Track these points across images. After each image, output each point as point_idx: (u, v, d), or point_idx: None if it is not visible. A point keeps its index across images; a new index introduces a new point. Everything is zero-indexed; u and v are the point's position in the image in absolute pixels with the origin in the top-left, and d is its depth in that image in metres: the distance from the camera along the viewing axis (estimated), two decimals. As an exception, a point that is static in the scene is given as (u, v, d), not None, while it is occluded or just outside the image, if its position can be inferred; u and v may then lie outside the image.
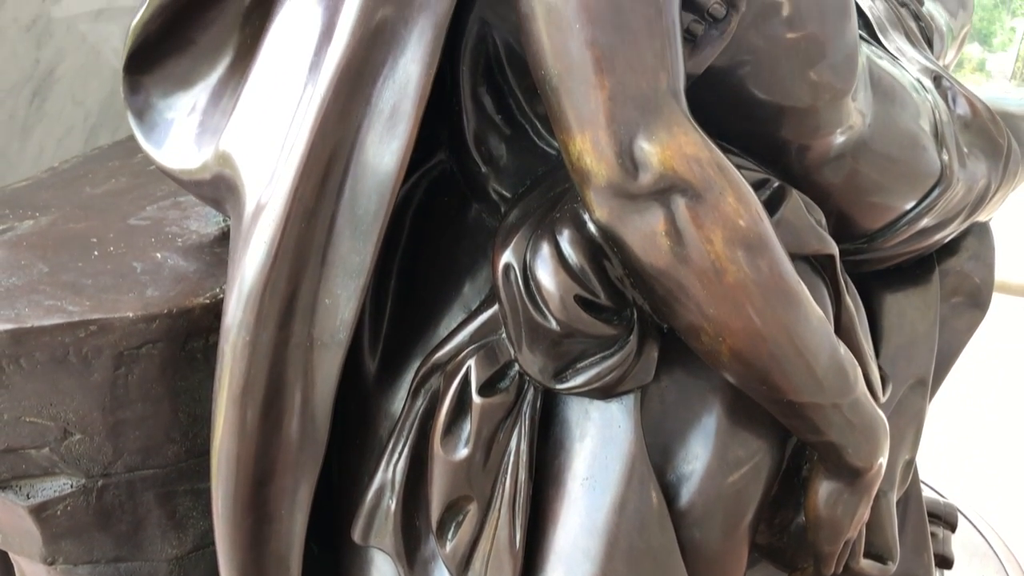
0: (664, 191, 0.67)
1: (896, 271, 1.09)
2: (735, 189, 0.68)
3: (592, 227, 0.71)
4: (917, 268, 1.12)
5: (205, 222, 0.95)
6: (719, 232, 0.67)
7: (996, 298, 1.56)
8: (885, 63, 0.98)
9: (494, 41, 0.78)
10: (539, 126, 0.81)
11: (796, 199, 0.79)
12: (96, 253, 0.89)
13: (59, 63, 1.59)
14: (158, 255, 0.89)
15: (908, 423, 1.08)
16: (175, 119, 0.82)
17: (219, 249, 0.90)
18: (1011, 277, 2.32)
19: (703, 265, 0.68)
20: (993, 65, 6.40)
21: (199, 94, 0.81)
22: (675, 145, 0.66)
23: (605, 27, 0.64)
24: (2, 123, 1.52)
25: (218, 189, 0.78)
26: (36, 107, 1.56)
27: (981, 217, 1.13)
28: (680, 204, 0.67)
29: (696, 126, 0.68)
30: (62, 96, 1.59)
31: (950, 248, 1.15)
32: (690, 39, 0.73)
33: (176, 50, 0.81)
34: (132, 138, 0.87)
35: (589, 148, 0.66)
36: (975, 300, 1.16)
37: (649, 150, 0.66)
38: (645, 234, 0.68)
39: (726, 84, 0.80)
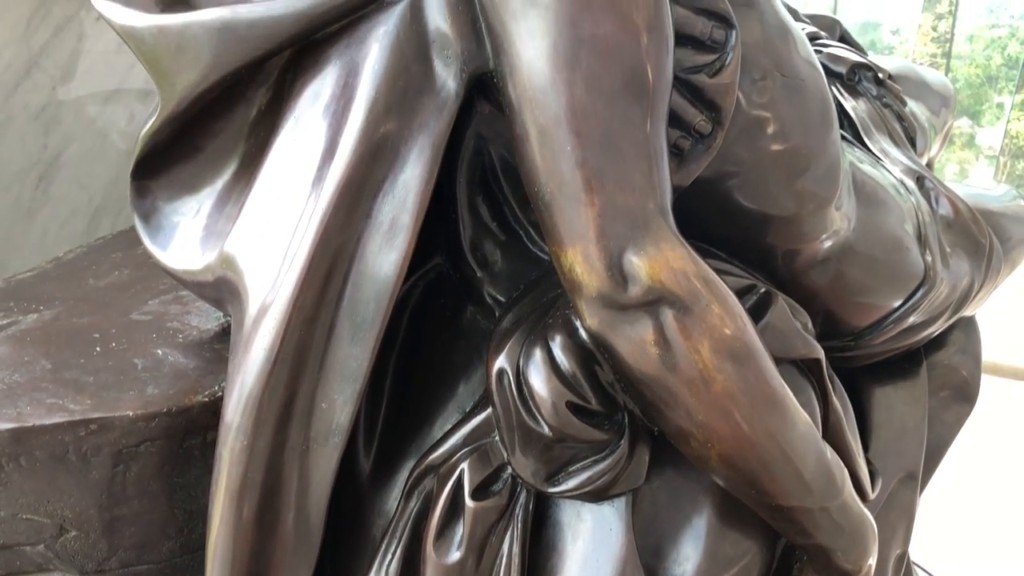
0: (653, 303, 0.69)
1: (884, 365, 1.11)
2: (721, 301, 0.70)
3: (583, 334, 0.73)
4: (905, 362, 1.14)
5: (205, 317, 0.97)
6: (706, 343, 0.69)
7: (988, 380, 1.57)
8: (868, 167, 1.02)
9: (490, 154, 0.81)
10: (532, 232, 0.84)
11: (782, 305, 0.82)
12: (98, 349, 0.90)
13: (66, 148, 1.63)
14: (159, 351, 0.91)
15: (899, 517, 1.09)
16: (180, 222, 0.84)
17: (219, 345, 0.92)
18: (1003, 359, 2.34)
19: (691, 374, 0.70)
20: (982, 139, 6.52)
21: (204, 199, 0.84)
22: (663, 259, 0.69)
23: (595, 149, 0.67)
24: (7, 207, 1.55)
25: (220, 291, 0.81)
26: (42, 191, 1.60)
27: (967, 312, 1.15)
28: (668, 315, 0.69)
29: (683, 241, 0.70)
30: (67, 180, 1.63)
31: (937, 342, 1.17)
32: (677, 153, 0.76)
33: (183, 157, 0.84)
34: (135, 228, 0.89)
35: (580, 261, 0.69)
36: (963, 393, 1.17)
37: (638, 264, 0.68)
38: (635, 343, 0.70)
39: (713, 193, 0.83)
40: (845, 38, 1.55)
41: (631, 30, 0.67)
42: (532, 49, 0.67)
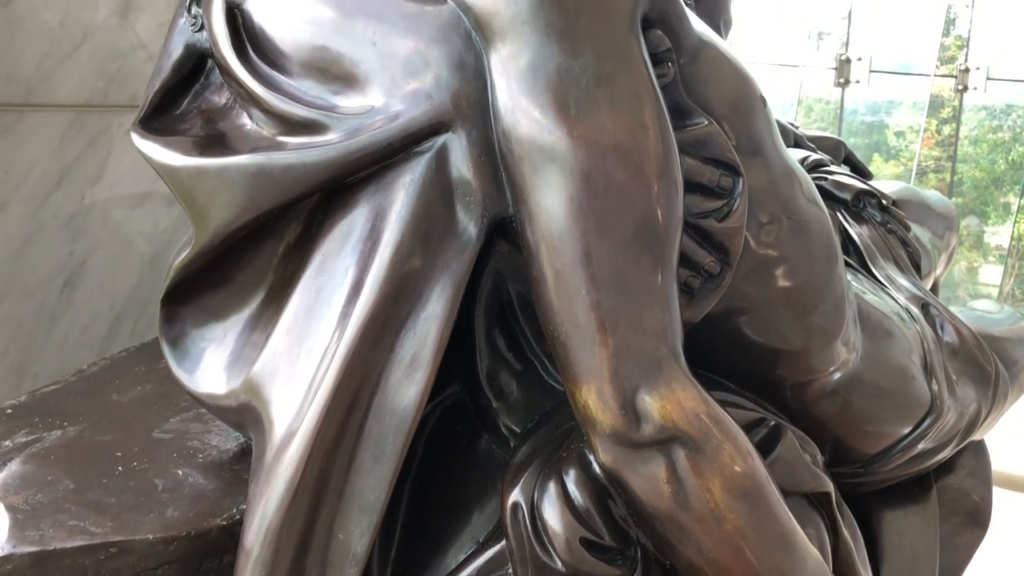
0: (665, 441, 0.71)
1: (894, 489, 1.12)
2: (732, 440, 0.72)
3: (597, 469, 0.75)
4: (915, 486, 1.14)
5: (225, 437, 0.99)
6: (718, 482, 0.71)
7: (1002, 494, 1.56)
8: (873, 297, 1.05)
9: (507, 289, 0.84)
10: (548, 363, 0.86)
11: (791, 438, 0.84)
12: (120, 468, 0.92)
13: (91, 254, 1.68)
14: (179, 472, 0.92)
15: (913, 646, 1.08)
16: (207, 348, 0.87)
17: (238, 466, 0.94)
18: (1019, 471, 2.32)
19: (703, 512, 0.71)
20: (990, 239, 6.59)
21: (232, 326, 0.87)
22: (675, 399, 0.71)
23: (609, 292, 0.70)
24: (32, 313, 1.59)
25: (243, 416, 0.83)
26: (66, 296, 1.64)
27: (975, 437, 1.16)
28: (680, 454, 0.71)
29: (694, 381, 0.73)
30: (91, 286, 1.67)
31: (947, 466, 1.18)
32: (687, 291, 0.80)
33: (213, 286, 0.87)
34: (156, 339, 0.92)
35: (594, 398, 0.71)
36: (975, 519, 1.17)
37: (651, 403, 0.70)
38: (648, 480, 0.72)
39: (723, 328, 0.86)
40: (850, 159, 1.61)
41: (643, 180, 0.71)
42: (549, 199, 0.71)
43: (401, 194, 0.74)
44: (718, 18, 1.37)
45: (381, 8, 0.77)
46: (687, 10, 0.81)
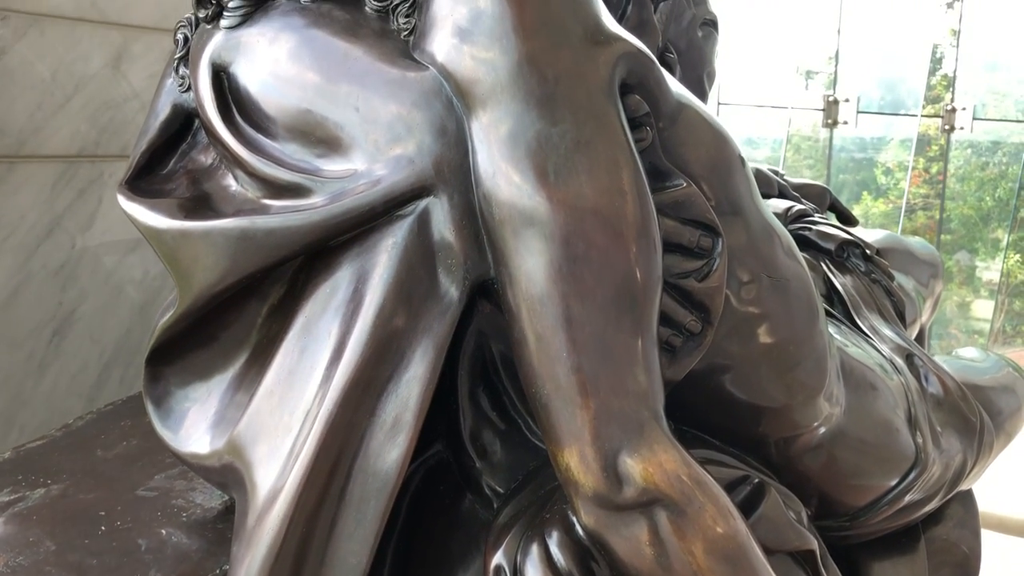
0: (647, 504, 0.71)
1: (882, 541, 1.11)
2: (714, 502, 0.72)
3: (580, 530, 0.75)
4: (903, 537, 1.14)
5: (210, 495, 0.98)
6: (700, 544, 0.71)
7: (993, 538, 1.55)
8: (856, 350, 1.05)
9: (490, 348, 0.85)
10: (531, 422, 0.86)
11: (775, 496, 0.84)
12: (103, 528, 0.92)
13: (81, 303, 1.68)
14: (163, 531, 0.92)
15: None
16: (190, 408, 0.87)
17: (221, 525, 0.93)
18: (1010, 512, 2.31)
19: (686, 574, 0.71)
20: (981, 273, 6.63)
21: (215, 386, 0.87)
22: (656, 462, 0.71)
23: (589, 355, 0.71)
24: (20, 363, 1.59)
25: (226, 477, 0.83)
26: (54, 346, 1.64)
27: (963, 488, 1.16)
28: (663, 517, 0.71)
29: (675, 443, 0.73)
30: (80, 335, 1.67)
31: (935, 517, 1.17)
32: (669, 350, 0.80)
33: (197, 345, 0.87)
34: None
35: (576, 461, 0.71)
36: (964, 570, 1.17)
37: (632, 466, 0.71)
38: (630, 542, 0.72)
39: (705, 386, 0.86)
40: (835, 206, 1.62)
41: (622, 244, 0.72)
42: (530, 263, 0.71)
43: (384, 257, 0.75)
44: (701, 71, 1.39)
45: (364, 73, 0.78)
46: (665, 74, 0.82)
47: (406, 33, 0.80)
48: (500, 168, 0.72)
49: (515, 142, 0.72)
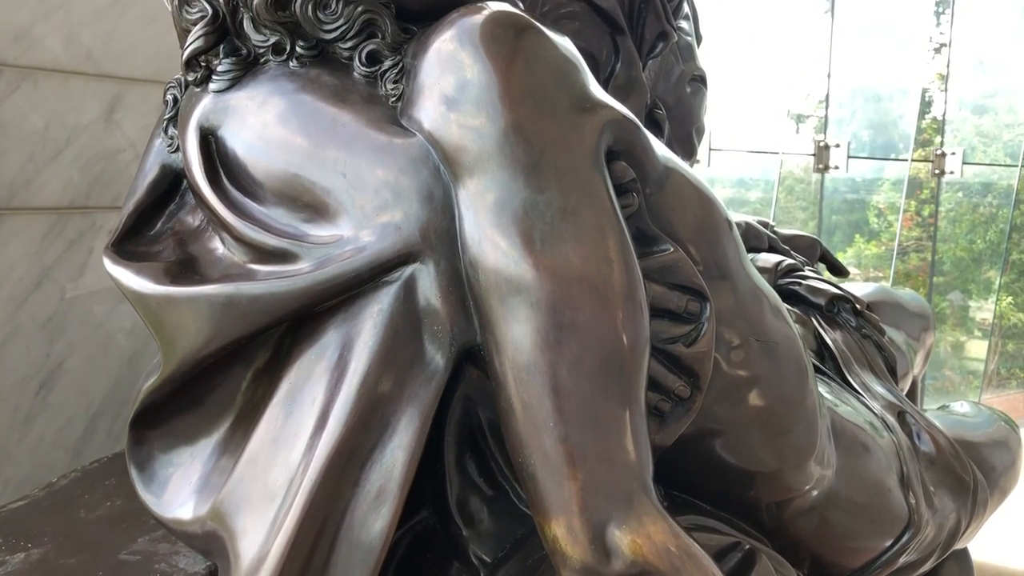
0: (636, 576, 0.70)
1: (878, 601, 1.10)
2: (703, 573, 0.71)
3: (569, 603, 0.73)
4: (898, 598, 1.12)
5: (193, 560, 0.96)
6: None
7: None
8: (847, 408, 1.05)
9: (477, 414, 0.84)
10: (519, 489, 0.85)
11: (766, 563, 0.82)
12: (83, 596, 0.90)
13: (69, 355, 1.66)
14: (144, 598, 0.90)
15: None
16: (174, 473, 0.86)
17: (205, 592, 0.91)
18: (1008, 563, 2.28)
19: None
20: (974, 313, 6.63)
21: (200, 451, 0.86)
22: (645, 533, 0.70)
23: (577, 425, 0.70)
24: (4, 417, 1.57)
25: (209, 544, 0.81)
26: (41, 399, 1.62)
27: (958, 546, 1.15)
28: (652, 589, 0.70)
29: (664, 513, 0.72)
30: (68, 387, 1.66)
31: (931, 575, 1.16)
32: (658, 415, 0.79)
33: (182, 409, 0.86)
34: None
35: (564, 533, 0.70)
36: (960, 630, 1.15)
37: (620, 538, 0.70)
38: None
39: (695, 450, 0.85)
40: (826, 256, 1.62)
41: (608, 312, 0.72)
42: (517, 331, 0.71)
43: (369, 324, 0.74)
44: (690, 126, 1.40)
45: (352, 139, 0.78)
46: (651, 137, 0.82)
47: (394, 99, 0.80)
48: (487, 235, 0.72)
49: (501, 210, 0.72)
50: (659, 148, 0.83)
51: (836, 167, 4.39)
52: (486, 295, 0.72)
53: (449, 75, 0.75)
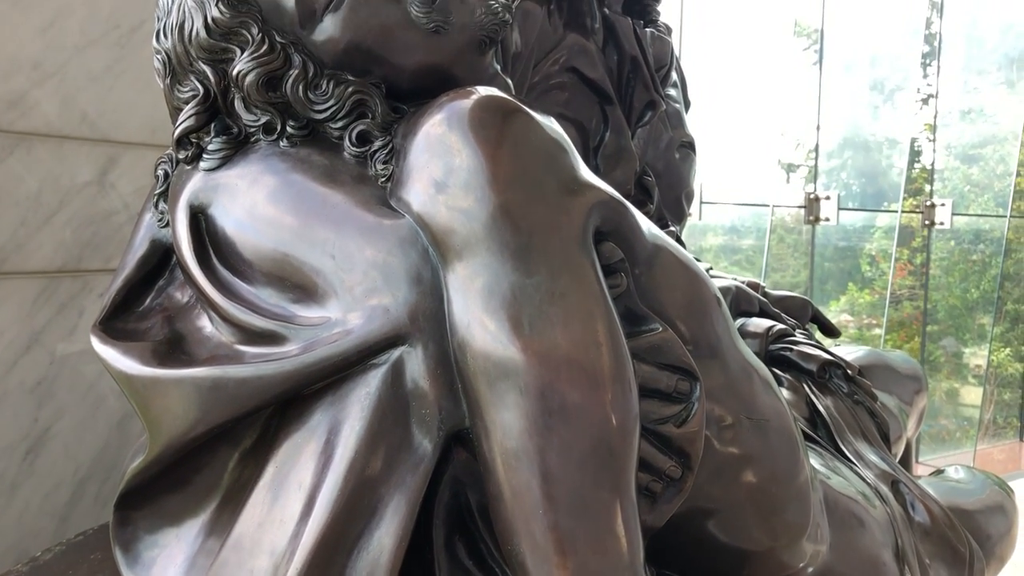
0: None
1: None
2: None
3: None
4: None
5: (178, 641, 0.95)
6: None
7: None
8: (840, 480, 1.04)
9: (466, 495, 0.83)
10: (508, 572, 0.84)
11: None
12: None
13: (57, 419, 1.65)
14: None
15: None
16: (159, 555, 0.85)
17: (188, 676, 0.89)
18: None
19: None
20: (968, 359, 6.64)
21: (186, 531, 0.84)
22: (636, 620, 0.69)
23: (567, 512, 0.69)
24: (-9, 483, 1.55)
25: (193, 630, 0.80)
26: (28, 464, 1.60)
27: (955, 617, 1.13)
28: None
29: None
30: (55, 452, 1.64)
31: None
32: (649, 495, 0.78)
33: (168, 489, 0.85)
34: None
35: (557, 620, 0.69)
36: None
37: None
38: None
39: (688, 529, 0.84)
40: (817, 317, 1.62)
41: (597, 395, 0.71)
42: (505, 416, 0.70)
43: (356, 408, 0.74)
44: (680, 191, 1.42)
45: (342, 220, 0.79)
46: (639, 217, 0.83)
47: (383, 179, 0.81)
48: (475, 318, 0.72)
49: (490, 293, 0.72)
50: (647, 226, 0.84)
51: (827, 219, 4.43)
52: (474, 379, 0.72)
53: (438, 158, 0.76)
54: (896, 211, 5.51)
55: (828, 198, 4.49)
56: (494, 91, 0.79)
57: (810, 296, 5.42)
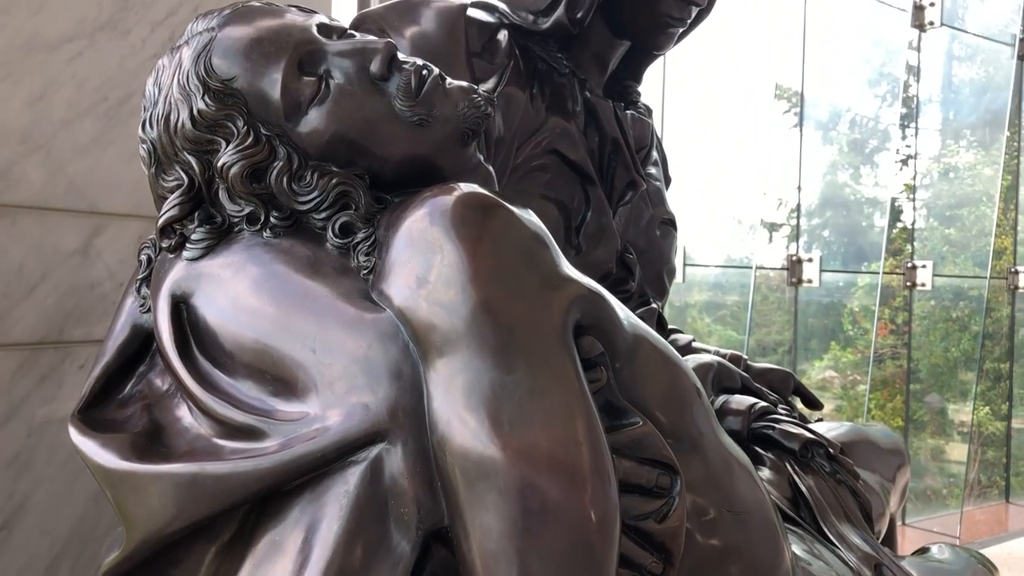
0: None
1: None
2: None
3: None
4: None
5: None
6: None
7: None
8: (821, 565, 1.04)
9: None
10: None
11: None
12: None
13: (33, 493, 1.63)
14: None
15: None
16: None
17: None
18: None
19: None
20: (953, 415, 6.64)
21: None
22: None
23: None
24: (-36, 561, 1.52)
25: None
26: (2, 540, 1.57)
27: None
28: None
29: None
30: (30, 527, 1.61)
31: None
32: (631, 594, 0.78)
33: (143, 583, 0.84)
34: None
35: None
36: None
37: None
38: None
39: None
40: (799, 390, 1.63)
41: (576, 495, 0.71)
42: (484, 517, 0.70)
43: (334, 507, 0.73)
44: (661, 267, 1.43)
45: (323, 313, 0.79)
46: (619, 309, 0.84)
47: (366, 271, 0.81)
48: (455, 415, 0.72)
49: (470, 390, 0.72)
50: (626, 317, 0.84)
51: (810, 281, 4.46)
52: (453, 478, 0.72)
53: (420, 254, 0.76)
54: (878, 272, 5.56)
55: (811, 260, 4.54)
56: (475, 187, 0.80)
57: (795, 354, 5.43)
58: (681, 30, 1.32)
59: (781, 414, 1.35)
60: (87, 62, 1.66)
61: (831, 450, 1.29)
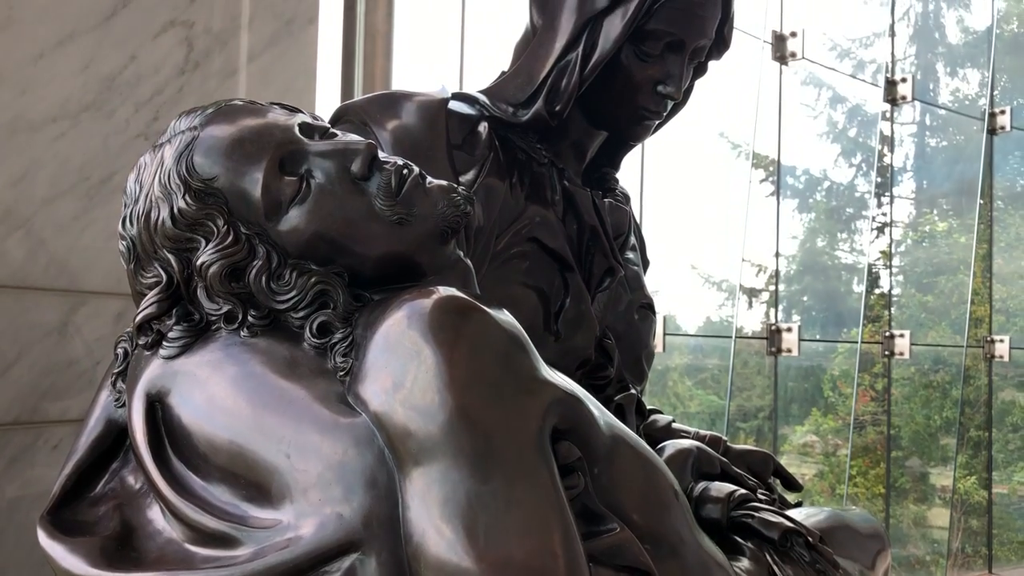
0: None
1: None
2: None
3: None
4: None
5: None
6: None
7: None
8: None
9: None
10: None
11: None
12: None
13: (3, 574, 1.59)
14: None
15: None
16: None
17: None
18: None
19: None
20: (935, 480, 6.62)
21: None
22: None
23: None
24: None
25: None
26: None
27: None
28: None
29: None
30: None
31: None
32: None
33: None
34: None
35: None
36: None
37: None
38: None
39: None
40: (779, 471, 1.63)
41: None
42: None
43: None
44: (640, 351, 1.43)
45: (299, 417, 0.79)
46: (597, 410, 0.84)
47: (342, 373, 0.81)
48: (431, 525, 0.72)
49: (446, 501, 0.72)
50: (604, 418, 0.85)
51: (789, 350, 4.49)
52: None
53: (397, 359, 0.77)
54: (856, 340, 5.60)
55: (790, 329, 4.57)
56: (452, 291, 0.80)
57: (776, 420, 5.41)
58: (657, 122, 1.35)
59: (760, 501, 1.35)
60: (71, 142, 1.67)
61: (811, 539, 1.28)
